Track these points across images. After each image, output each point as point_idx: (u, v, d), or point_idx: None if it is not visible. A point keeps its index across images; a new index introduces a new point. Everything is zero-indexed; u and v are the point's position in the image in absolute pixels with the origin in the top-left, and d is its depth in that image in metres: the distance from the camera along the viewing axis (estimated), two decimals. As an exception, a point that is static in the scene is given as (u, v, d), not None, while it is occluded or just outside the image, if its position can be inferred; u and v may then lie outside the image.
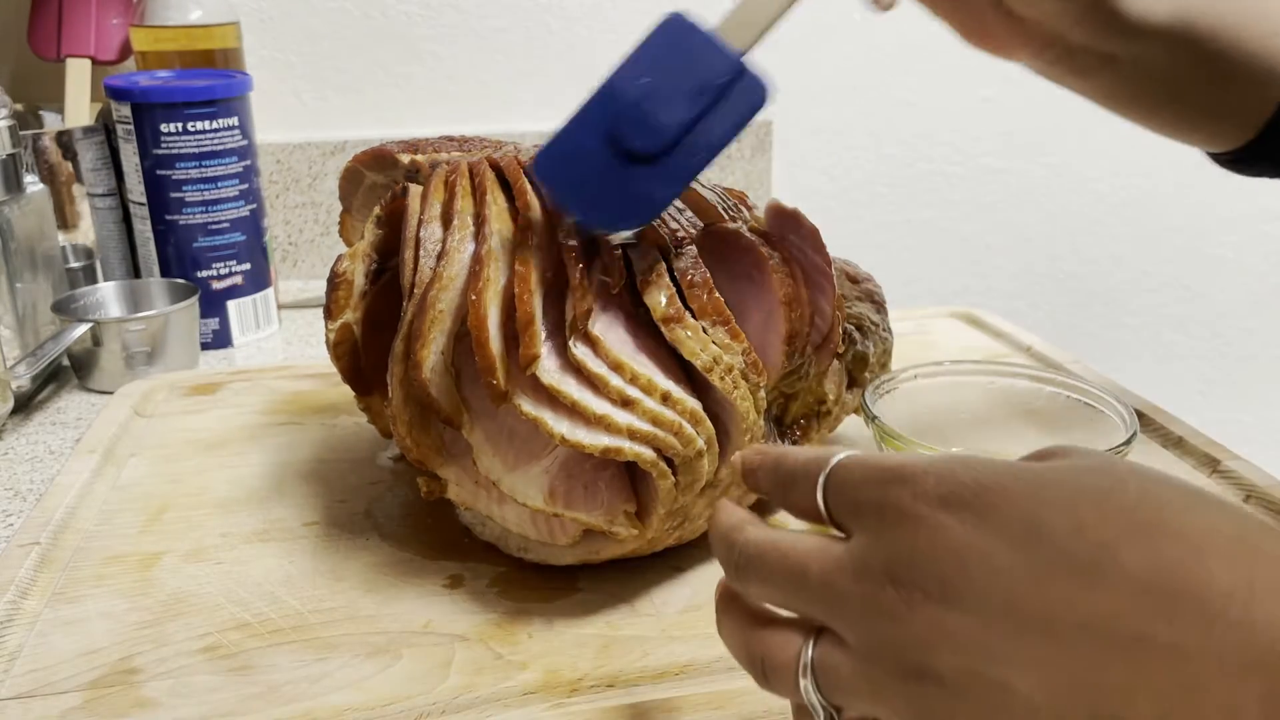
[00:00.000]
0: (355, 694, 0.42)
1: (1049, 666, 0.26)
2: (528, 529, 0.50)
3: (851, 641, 0.30)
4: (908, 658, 0.28)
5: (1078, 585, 0.25)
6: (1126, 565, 0.25)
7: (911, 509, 0.28)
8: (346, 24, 1.04)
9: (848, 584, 0.29)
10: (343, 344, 0.54)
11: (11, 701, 0.42)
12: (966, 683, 0.27)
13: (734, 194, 0.53)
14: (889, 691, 0.29)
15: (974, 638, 0.27)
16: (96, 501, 0.58)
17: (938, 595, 0.27)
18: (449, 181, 0.50)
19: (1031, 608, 0.26)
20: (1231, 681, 0.23)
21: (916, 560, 0.28)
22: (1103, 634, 0.25)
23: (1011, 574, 0.26)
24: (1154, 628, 0.24)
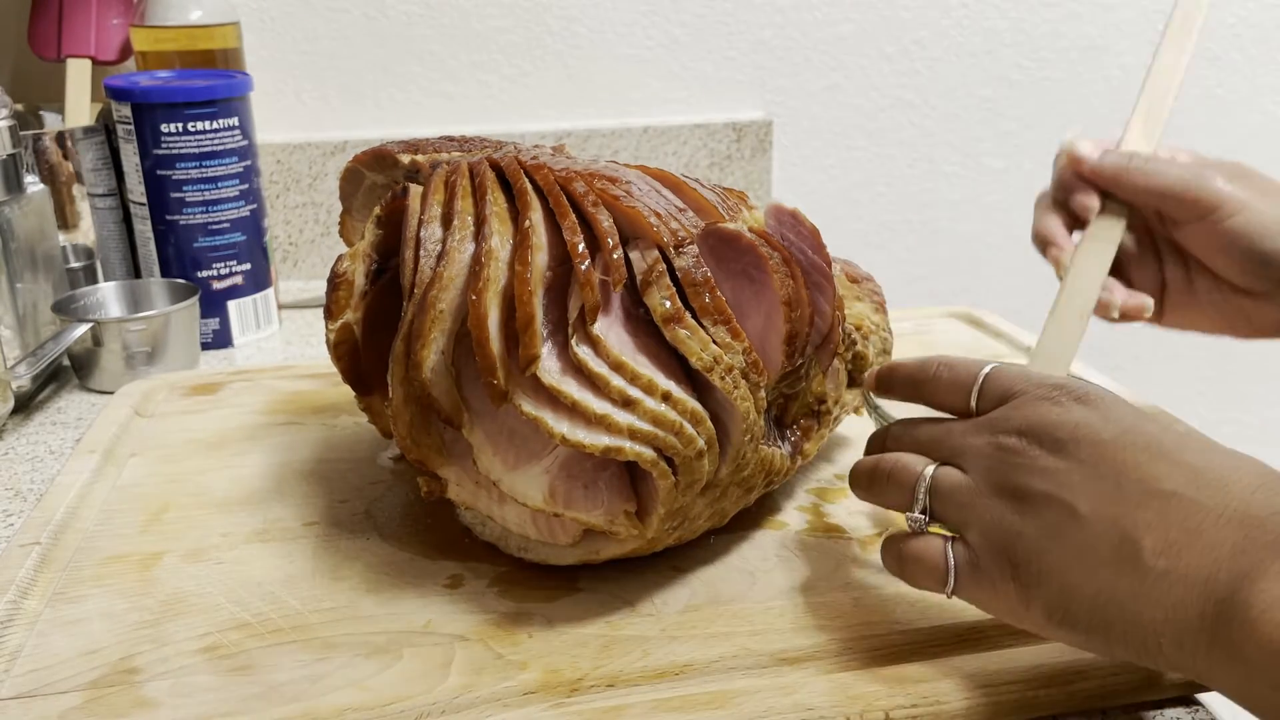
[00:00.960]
0: (355, 694, 0.42)
1: (1107, 500, 0.37)
2: (528, 529, 0.50)
3: (972, 469, 0.41)
4: (1010, 480, 0.40)
5: (1146, 457, 0.38)
6: (1183, 455, 0.37)
7: (1051, 395, 0.41)
8: (346, 24, 1.04)
9: (984, 433, 0.41)
10: (343, 344, 0.54)
11: (11, 701, 0.42)
12: (1044, 502, 0.38)
13: (734, 194, 0.53)
14: (984, 504, 0.40)
15: (1064, 476, 0.38)
16: (97, 501, 0.58)
17: (1051, 446, 0.39)
18: (449, 181, 0.50)
19: (1110, 465, 0.38)
20: (1225, 530, 0.35)
21: (1043, 424, 0.40)
22: (1150, 486, 0.37)
23: (1108, 444, 0.38)
24: (1187, 489, 0.36)
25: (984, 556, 0.40)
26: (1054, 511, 0.38)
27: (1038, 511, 0.39)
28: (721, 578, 0.50)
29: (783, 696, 0.41)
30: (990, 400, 0.43)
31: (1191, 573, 0.35)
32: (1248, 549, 0.34)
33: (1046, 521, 0.38)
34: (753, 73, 1.12)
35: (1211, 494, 0.36)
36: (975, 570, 0.40)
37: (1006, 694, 0.42)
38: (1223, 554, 0.34)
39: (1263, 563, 0.33)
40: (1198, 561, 0.35)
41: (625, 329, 0.46)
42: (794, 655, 0.44)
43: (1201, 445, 0.38)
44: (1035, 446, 0.40)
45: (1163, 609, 0.35)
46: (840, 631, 0.46)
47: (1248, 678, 0.33)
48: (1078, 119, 1.18)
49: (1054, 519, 0.38)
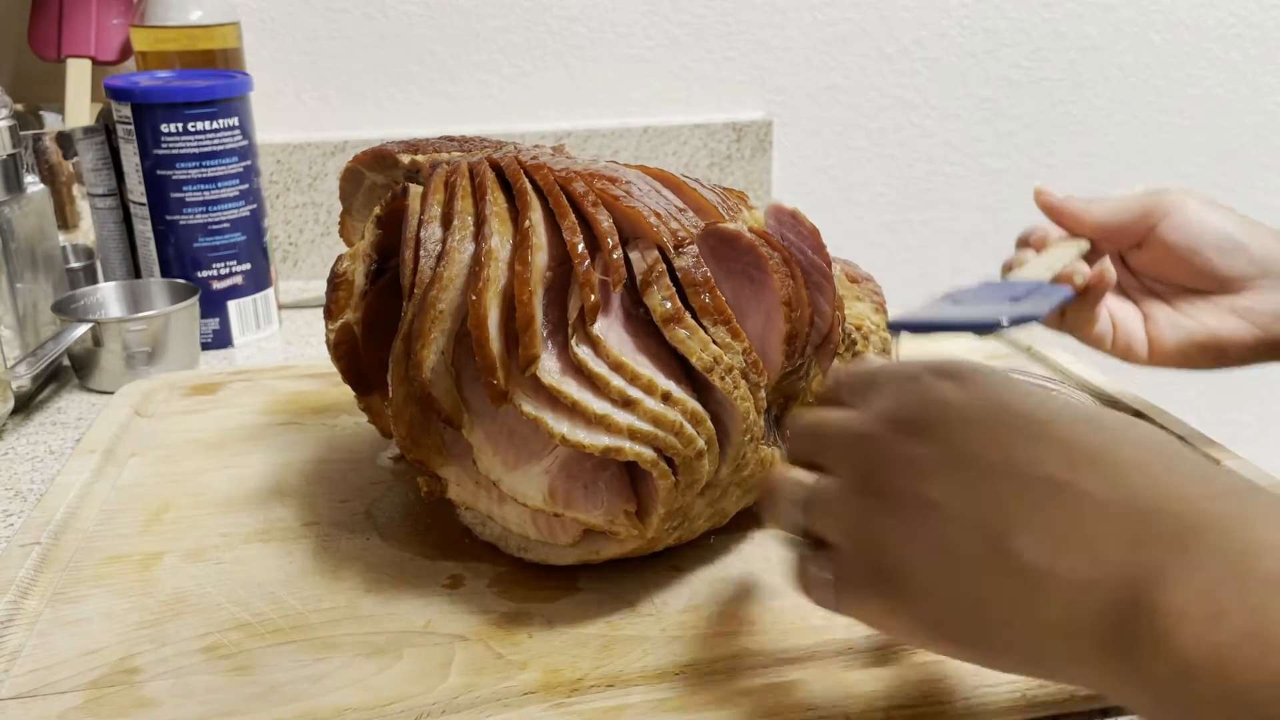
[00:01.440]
0: (355, 694, 0.42)
1: (973, 492, 0.33)
2: (528, 529, 0.50)
3: (841, 471, 0.37)
4: (873, 477, 0.35)
5: (1018, 437, 0.33)
6: (1059, 431, 0.33)
7: (918, 374, 0.37)
8: (346, 24, 1.04)
9: (854, 426, 0.37)
10: (343, 344, 0.54)
11: (12, 701, 0.42)
12: (904, 498, 0.34)
13: (734, 194, 0.53)
14: (847, 507, 0.36)
15: (924, 465, 0.34)
16: (97, 501, 0.58)
17: (911, 431, 0.35)
18: (449, 182, 0.50)
19: (977, 449, 0.33)
20: (1111, 522, 0.30)
21: (909, 409, 0.36)
22: (1023, 472, 0.32)
23: (975, 425, 0.34)
24: (1064, 472, 0.31)
25: (851, 567, 0.36)
26: (914, 508, 0.34)
27: (898, 509, 0.34)
28: (721, 578, 0.50)
29: (783, 696, 0.41)
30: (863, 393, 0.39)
31: (1076, 574, 0.30)
32: (1141, 544, 0.29)
33: (907, 520, 0.34)
34: (753, 73, 1.12)
35: (1093, 477, 0.31)
36: (847, 584, 0.36)
37: (1006, 694, 0.42)
38: (1109, 551, 0.29)
39: (1163, 563, 0.28)
40: (1082, 560, 0.30)
41: (625, 329, 0.46)
42: (794, 655, 0.44)
43: (1082, 417, 0.33)
44: (898, 433, 0.35)
45: (1046, 616, 0.30)
46: (840, 631, 0.46)
47: (1157, 698, 0.28)
48: (1078, 119, 1.18)
49: (914, 516, 0.33)
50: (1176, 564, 0.28)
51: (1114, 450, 0.31)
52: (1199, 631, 0.26)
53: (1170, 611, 0.27)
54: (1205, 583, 0.27)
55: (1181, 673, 0.26)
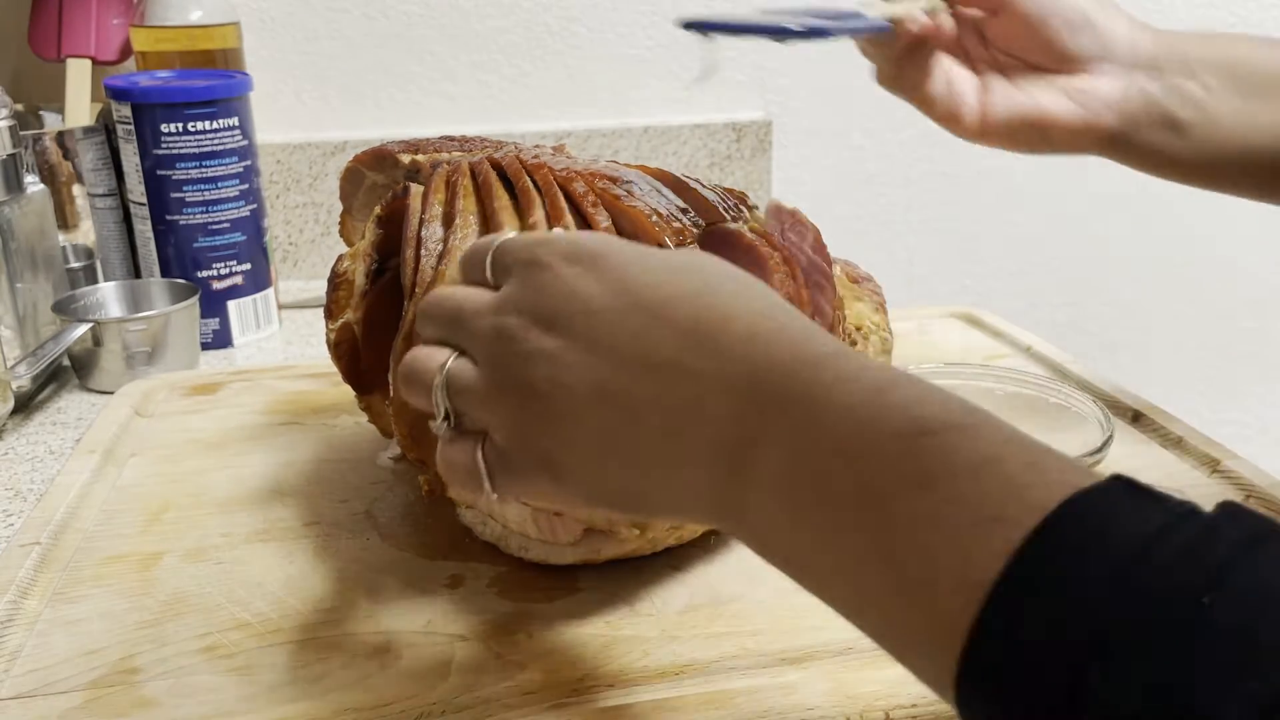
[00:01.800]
0: (355, 694, 0.42)
1: (605, 380, 0.34)
2: (529, 528, 0.50)
3: (480, 359, 0.37)
4: (514, 370, 0.36)
5: (641, 322, 0.34)
6: (678, 312, 0.34)
7: (544, 259, 0.37)
8: (346, 24, 1.04)
9: (488, 315, 0.37)
10: (343, 344, 0.54)
11: (11, 701, 0.42)
12: (548, 391, 0.35)
13: (734, 194, 0.53)
14: (497, 398, 0.36)
15: (560, 357, 0.35)
16: (97, 501, 0.58)
17: (546, 323, 0.35)
18: (450, 181, 0.50)
19: (605, 337, 0.34)
20: (722, 398, 0.32)
21: (538, 296, 0.36)
22: (647, 359, 0.34)
23: (602, 314, 0.35)
24: (683, 356, 0.33)
25: (513, 453, 0.37)
26: (559, 400, 0.35)
27: (544, 402, 0.35)
28: (721, 578, 0.50)
29: (783, 696, 0.41)
30: (500, 272, 0.39)
31: (698, 449, 0.33)
32: (745, 414, 0.32)
33: (554, 411, 0.35)
34: (753, 73, 1.12)
35: (707, 356, 0.33)
36: (508, 468, 0.37)
37: (1006, 694, 0.42)
38: (723, 426, 0.32)
39: (760, 433, 0.31)
40: (701, 432, 0.32)
41: None
42: (794, 655, 0.44)
43: (700, 291, 0.35)
44: (532, 325, 0.36)
45: (682, 487, 0.34)
46: (840, 631, 0.45)
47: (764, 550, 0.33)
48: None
49: (560, 408, 0.35)
50: (767, 434, 0.31)
51: (726, 326, 0.33)
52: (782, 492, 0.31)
53: (763, 477, 0.31)
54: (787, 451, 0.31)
55: (775, 529, 0.32)
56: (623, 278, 0.35)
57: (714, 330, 0.33)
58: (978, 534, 0.26)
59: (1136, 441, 0.64)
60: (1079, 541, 0.25)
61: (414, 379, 0.39)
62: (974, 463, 0.27)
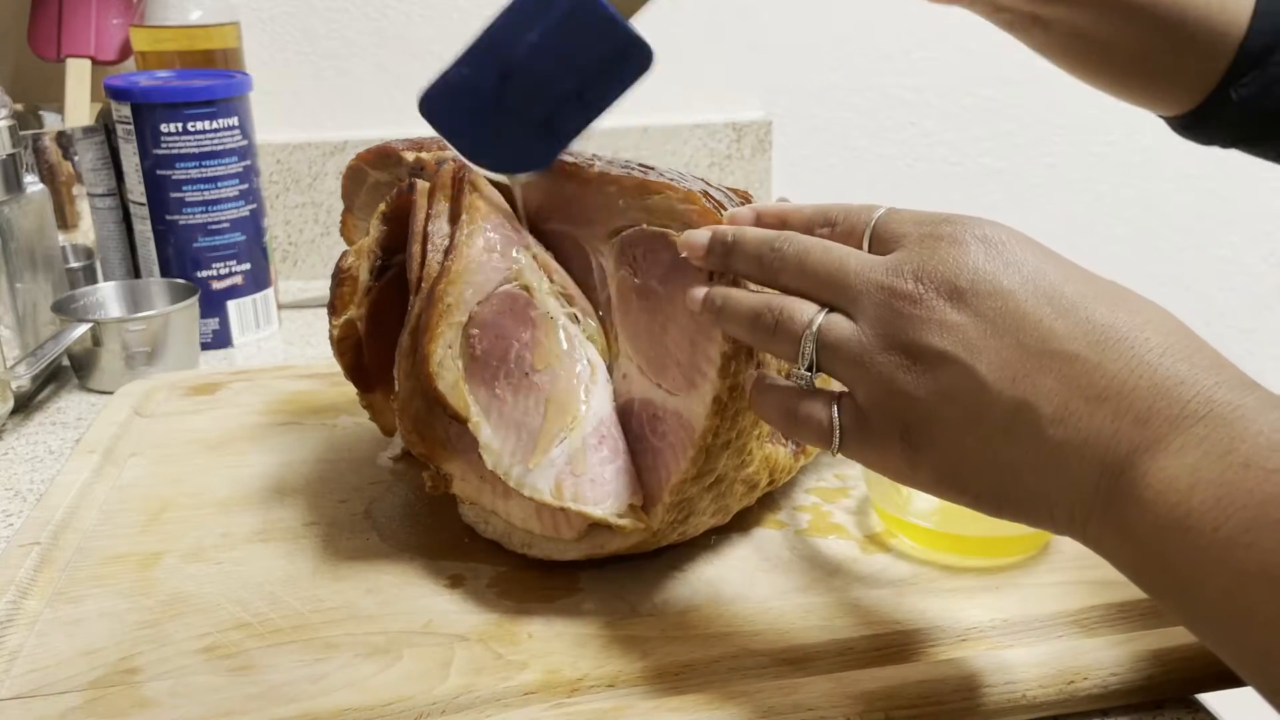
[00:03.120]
0: (355, 694, 0.42)
1: (1006, 361, 0.34)
2: (532, 524, 0.50)
3: (863, 319, 0.37)
4: (904, 334, 0.36)
5: (1049, 311, 0.34)
6: (1088, 309, 0.34)
7: (952, 234, 0.37)
8: (346, 24, 1.04)
9: (879, 277, 0.37)
10: (346, 340, 0.54)
11: (11, 701, 0.42)
12: (940, 361, 0.35)
13: (739, 194, 0.53)
14: (876, 359, 0.36)
15: (962, 332, 0.35)
16: (96, 501, 0.58)
17: (950, 295, 0.35)
18: (456, 176, 0.50)
19: (1011, 320, 0.34)
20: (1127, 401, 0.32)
21: (943, 268, 0.36)
22: (1051, 347, 0.34)
23: (1010, 296, 0.35)
24: (1090, 351, 0.33)
25: (873, 417, 0.37)
26: (950, 372, 0.35)
27: (932, 371, 0.35)
28: (721, 578, 0.50)
29: (783, 696, 0.41)
30: (885, 241, 0.39)
31: (1089, 445, 0.33)
32: (1149, 421, 0.32)
33: (941, 383, 0.35)
34: (753, 73, 1.12)
35: (1116, 357, 0.33)
36: (863, 431, 0.38)
37: (1007, 694, 0.42)
38: (1123, 426, 0.32)
39: (1164, 438, 0.32)
40: (1096, 433, 0.33)
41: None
42: (794, 655, 0.44)
43: (1107, 295, 0.35)
44: (933, 294, 0.36)
45: (1058, 480, 0.34)
46: (840, 631, 0.46)
47: (1137, 555, 0.32)
48: (1078, 119, 1.18)
49: (949, 381, 0.35)
50: (1172, 441, 0.31)
51: (1139, 333, 0.33)
52: (1176, 498, 0.31)
53: (1158, 480, 0.31)
54: (1190, 459, 0.31)
55: (1156, 531, 0.31)
56: (1030, 262, 0.36)
57: (1129, 335, 0.33)
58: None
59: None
60: None
61: (782, 325, 0.39)
62: None
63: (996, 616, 0.46)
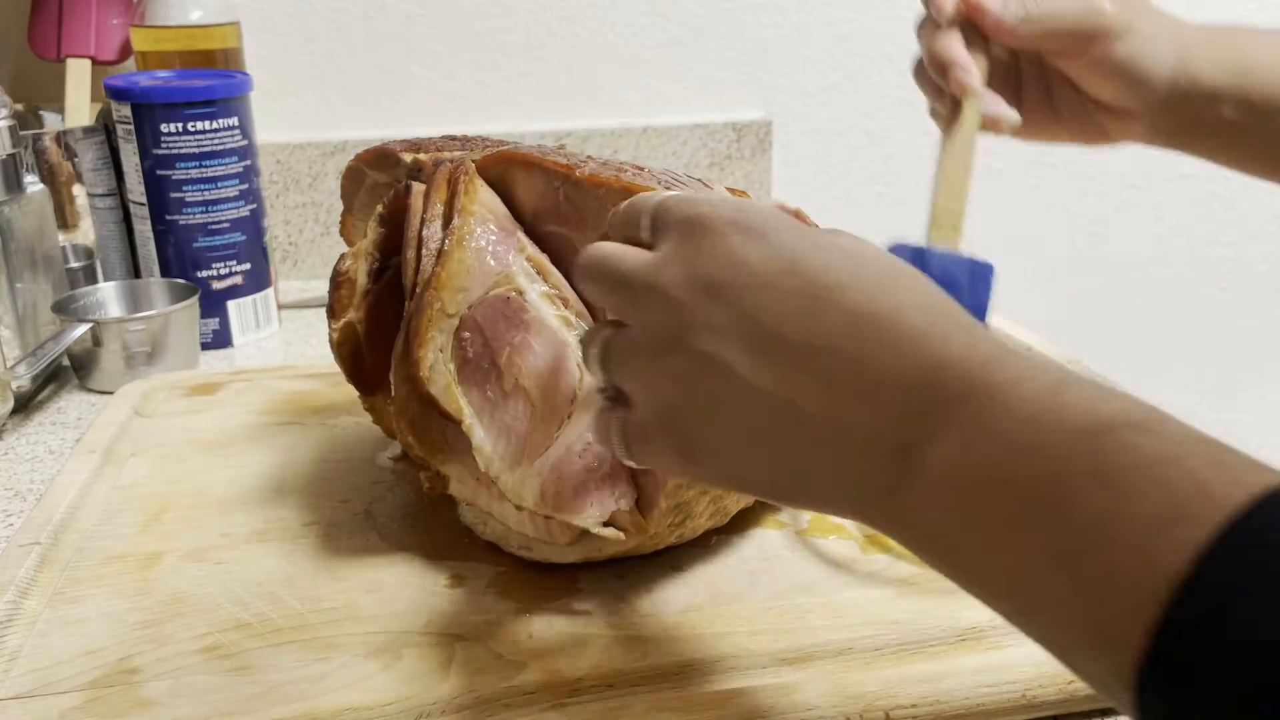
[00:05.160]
0: (355, 694, 0.42)
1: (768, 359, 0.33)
2: (527, 527, 0.50)
3: (638, 324, 0.36)
4: (668, 338, 0.35)
5: (809, 303, 0.33)
6: (848, 297, 0.33)
7: (708, 223, 0.35)
8: (346, 24, 1.04)
9: (641, 275, 0.36)
10: (346, 343, 0.54)
11: (11, 701, 0.42)
12: (704, 363, 0.34)
13: (737, 194, 0.53)
14: (647, 366, 0.36)
15: (723, 330, 0.34)
16: (97, 501, 0.58)
17: (705, 289, 0.34)
18: (452, 179, 0.50)
19: (771, 314, 0.33)
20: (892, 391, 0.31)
21: (700, 260, 0.35)
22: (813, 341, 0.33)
23: (767, 289, 0.33)
24: (850, 343, 0.32)
25: (650, 424, 0.36)
26: (714, 375, 0.34)
27: (699, 374, 0.34)
28: (721, 578, 0.50)
29: (783, 696, 0.41)
30: (659, 232, 0.37)
31: (861, 439, 0.32)
32: (916, 409, 0.31)
33: (708, 386, 0.34)
34: (753, 73, 1.12)
35: (875, 347, 0.32)
36: (643, 439, 0.37)
37: (1006, 694, 0.42)
38: (889, 418, 0.31)
39: (932, 423, 0.31)
40: (866, 426, 0.32)
41: None
42: (794, 655, 0.44)
43: (868, 278, 0.33)
44: (691, 292, 0.34)
45: (836, 474, 0.33)
46: (840, 631, 0.46)
47: (924, 540, 0.32)
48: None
49: (715, 384, 0.34)
50: (941, 427, 0.31)
51: (899, 317, 0.32)
52: (952, 481, 0.30)
53: (932, 467, 0.30)
54: (959, 443, 0.30)
55: (940, 517, 0.31)
56: (793, 255, 0.34)
57: (887, 321, 0.32)
58: (1161, 531, 0.25)
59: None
60: (1271, 541, 0.24)
61: (586, 355, 0.39)
62: (1155, 460, 0.27)
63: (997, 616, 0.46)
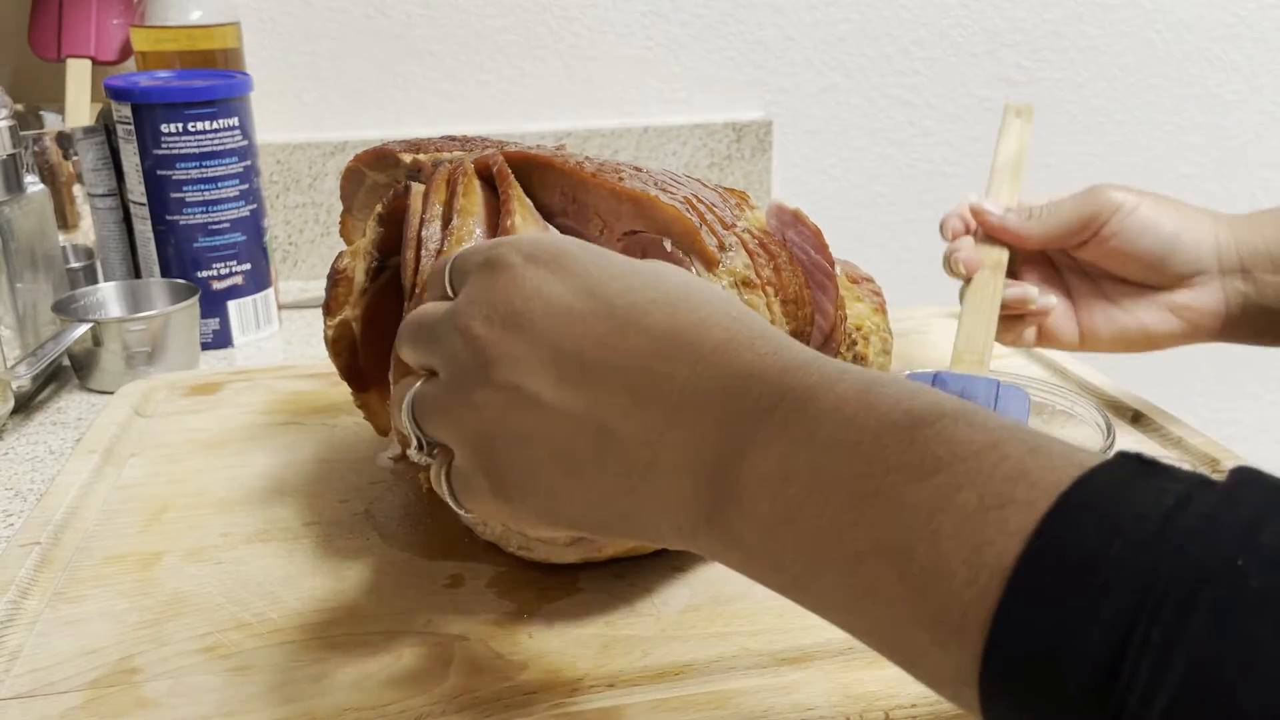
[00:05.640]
0: (355, 694, 0.42)
1: (574, 386, 0.33)
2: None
3: (441, 371, 0.36)
4: (473, 378, 0.34)
5: (611, 326, 0.33)
6: (648, 319, 0.33)
7: (503, 258, 0.35)
8: (346, 24, 1.04)
9: (447, 321, 0.36)
10: (341, 340, 0.54)
11: (11, 701, 0.42)
12: (507, 397, 0.33)
13: (734, 193, 0.53)
14: (455, 412, 0.35)
15: (524, 361, 0.33)
16: (97, 501, 0.58)
17: (507, 322, 0.34)
18: (451, 180, 0.50)
19: (573, 343, 0.33)
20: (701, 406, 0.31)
21: (498, 295, 0.34)
22: (618, 363, 0.32)
23: (566, 316, 0.33)
24: (657, 363, 0.32)
25: (467, 469, 0.36)
26: (521, 407, 0.33)
27: (505, 407, 0.34)
28: (721, 578, 0.50)
29: (783, 696, 0.41)
30: (459, 280, 0.37)
31: (675, 458, 0.31)
32: (728, 422, 0.30)
33: (515, 419, 0.33)
34: (753, 73, 1.12)
35: (681, 364, 0.31)
36: (465, 486, 0.36)
37: (1007, 694, 0.42)
38: (705, 433, 0.31)
39: (747, 436, 0.30)
40: (679, 445, 0.31)
41: None
42: (794, 655, 0.44)
43: (666, 297, 0.33)
44: (490, 327, 0.34)
45: (656, 500, 0.32)
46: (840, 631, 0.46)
47: (749, 558, 0.31)
48: (1078, 119, 1.18)
49: (522, 416, 0.33)
50: (755, 438, 0.30)
51: (702, 333, 0.32)
52: (773, 493, 0.29)
53: (752, 480, 0.30)
54: (777, 452, 0.29)
55: (762, 531, 0.30)
56: (589, 280, 0.34)
57: (689, 337, 0.32)
58: (988, 518, 0.25)
59: (1137, 442, 0.64)
60: (1098, 518, 0.23)
61: (395, 407, 0.39)
62: (975, 449, 0.26)
63: (996, 616, 0.46)
